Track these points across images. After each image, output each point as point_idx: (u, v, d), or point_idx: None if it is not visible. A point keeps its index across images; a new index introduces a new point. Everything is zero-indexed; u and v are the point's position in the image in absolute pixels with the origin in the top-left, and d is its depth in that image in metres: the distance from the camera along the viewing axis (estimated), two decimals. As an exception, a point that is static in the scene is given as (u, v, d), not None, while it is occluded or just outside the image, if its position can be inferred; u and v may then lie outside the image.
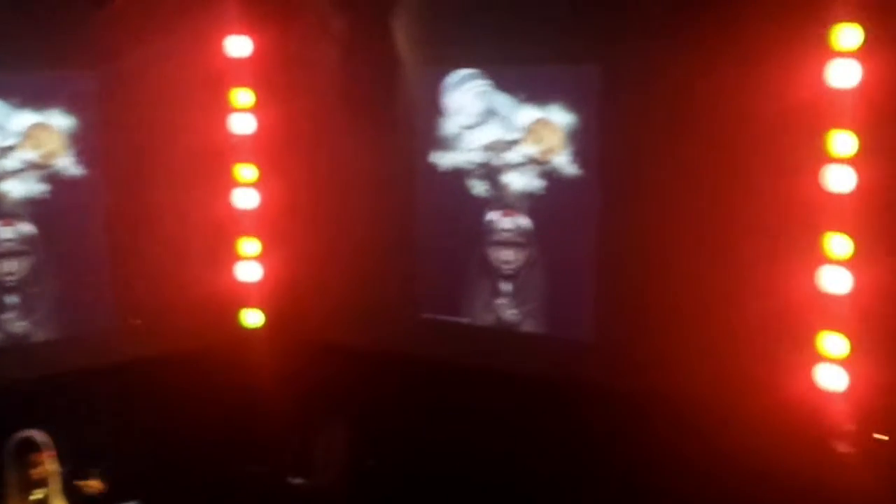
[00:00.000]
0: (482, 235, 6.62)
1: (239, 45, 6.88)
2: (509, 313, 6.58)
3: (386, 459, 6.62)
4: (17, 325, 6.54)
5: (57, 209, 6.56)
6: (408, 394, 6.71)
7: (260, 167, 6.99)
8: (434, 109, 6.66)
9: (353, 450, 6.56)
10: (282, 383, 6.81)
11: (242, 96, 6.92)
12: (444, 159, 6.71)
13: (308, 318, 7.10)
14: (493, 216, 6.57)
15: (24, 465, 5.10)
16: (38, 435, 5.20)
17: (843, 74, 5.18)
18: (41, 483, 5.15)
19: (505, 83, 6.42)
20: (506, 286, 6.58)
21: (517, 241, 6.51)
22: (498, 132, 6.47)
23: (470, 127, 6.58)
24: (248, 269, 7.04)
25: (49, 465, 5.20)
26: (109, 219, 6.73)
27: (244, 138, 6.96)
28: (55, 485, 5.24)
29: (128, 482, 6.66)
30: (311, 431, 6.69)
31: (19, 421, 5.36)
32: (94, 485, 5.48)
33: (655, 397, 5.94)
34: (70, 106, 6.53)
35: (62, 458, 5.29)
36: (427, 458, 6.58)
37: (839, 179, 5.26)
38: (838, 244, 5.30)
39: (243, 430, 6.97)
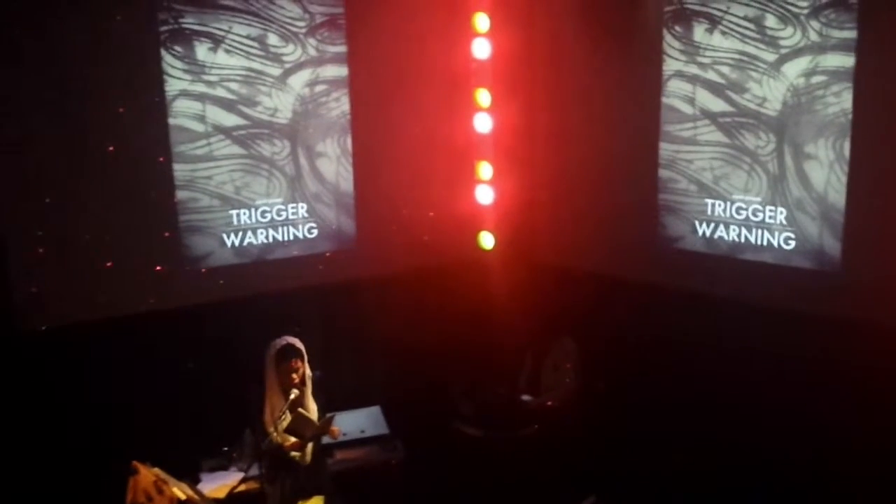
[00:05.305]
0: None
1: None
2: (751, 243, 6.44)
3: (616, 384, 6.66)
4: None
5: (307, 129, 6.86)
6: (643, 321, 6.69)
7: (493, 93, 7.05)
8: (677, 32, 6.49)
9: (583, 372, 6.65)
10: (514, 304, 6.92)
11: (481, 21, 6.98)
12: (687, 81, 6.53)
13: (541, 242, 7.20)
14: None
15: (284, 368, 5.50)
16: (295, 342, 5.58)
17: None
18: (297, 385, 5.51)
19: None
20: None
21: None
22: (743, 48, 6.22)
23: (710, 46, 6.36)
24: (486, 192, 7.19)
25: (304, 369, 5.58)
26: (356, 141, 6.99)
27: (482, 63, 7.02)
28: (308, 387, 5.61)
29: (365, 390, 7.13)
30: (542, 352, 6.81)
31: (274, 329, 5.73)
32: (336, 431, 5.76)
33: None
34: (321, 36, 6.78)
35: (312, 365, 5.64)
36: (657, 385, 6.58)
37: None
38: None
39: (476, 348, 7.17)
